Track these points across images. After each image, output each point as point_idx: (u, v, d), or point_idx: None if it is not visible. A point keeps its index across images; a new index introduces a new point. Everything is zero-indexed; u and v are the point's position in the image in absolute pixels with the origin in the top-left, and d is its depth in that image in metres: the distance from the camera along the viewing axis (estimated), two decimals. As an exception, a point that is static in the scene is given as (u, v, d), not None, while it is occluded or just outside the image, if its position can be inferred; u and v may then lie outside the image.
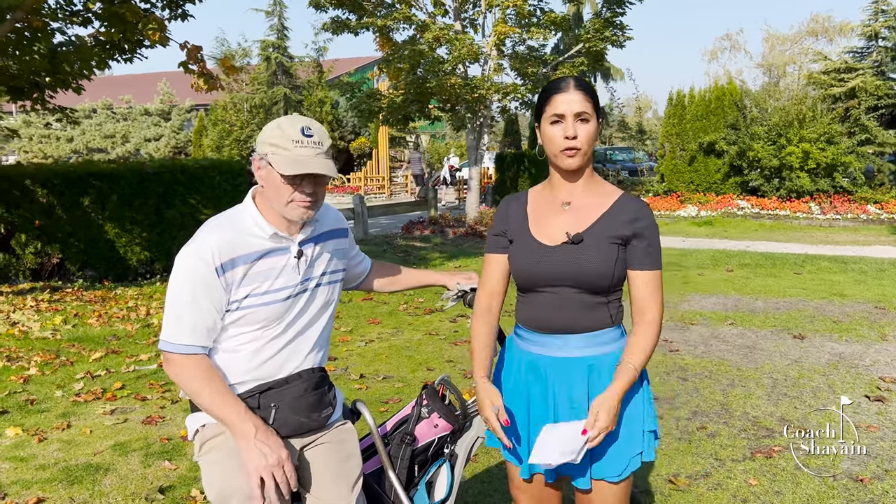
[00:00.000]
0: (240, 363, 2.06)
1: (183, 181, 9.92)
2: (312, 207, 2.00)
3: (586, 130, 1.94)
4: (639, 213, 1.98)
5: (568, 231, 1.99)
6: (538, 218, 2.06)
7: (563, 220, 2.02)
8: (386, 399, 4.72)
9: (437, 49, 13.61)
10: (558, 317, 2.00)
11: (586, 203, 2.02)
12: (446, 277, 2.58)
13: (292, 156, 1.94)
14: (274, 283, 2.05)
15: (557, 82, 2.00)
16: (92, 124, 30.58)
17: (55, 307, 7.51)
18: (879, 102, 19.07)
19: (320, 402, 2.11)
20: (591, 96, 1.97)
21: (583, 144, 1.94)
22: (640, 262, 1.98)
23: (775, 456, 3.77)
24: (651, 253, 1.98)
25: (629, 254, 1.98)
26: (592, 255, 1.95)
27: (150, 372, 5.41)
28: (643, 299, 1.99)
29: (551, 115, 1.96)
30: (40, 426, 4.36)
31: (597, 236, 1.96)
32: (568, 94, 1.94)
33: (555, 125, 1.96)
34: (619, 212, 1.99)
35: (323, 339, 2.22)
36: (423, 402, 2.48)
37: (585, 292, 1.98)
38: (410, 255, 11.54)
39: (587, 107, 1.94)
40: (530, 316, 2.06)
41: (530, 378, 2.06)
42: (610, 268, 1.95)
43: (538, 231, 2.04)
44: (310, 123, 1.99)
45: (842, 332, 6.21)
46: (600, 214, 1.99)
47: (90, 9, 8.11)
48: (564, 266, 1.97)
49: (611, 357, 2.01)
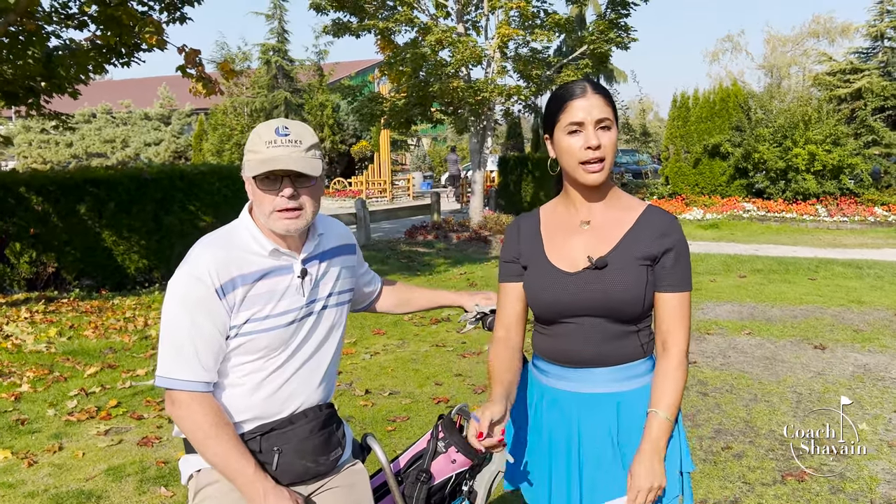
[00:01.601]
0: (238, 398, 1.85)
1: (182, 187, 9.72)
2: (299, 216, 1.79)
3: (609, 139, 1.74)
4: (667, 229, 1.77)
5: (590, 255, 1.77)
6: (554, 240, 1.84)
7: (582, 241, 1.80)
8: (393, 417, 4.51)
9: (440, 52, 13.41)
10: (584, 349, 1.79)
11: (607, 220, 1.81)
12: (464, 298, 2.36)
13: (262, 157, 1.75)
14: (276, 307, 1.84)
15: (571, 87, 1.77)
16: (91, 129, 30.39)
17: (50, 318, 7.30)
18: (886, 103, 18.85)
19: (328, 444, 1.90)
20: (611, 101, 1.77)
21: (607, 154, 1.73)
22: (667, 282, 1.77)
23: (807, 479, 3.56)
24: (680, 272, 1.77)
25: (657, 274, 1.77)
26: (619, 279, 1.74)
27: (147, 388, 5.20)
28: (668, 326, 1.77)
29: (568, 123, 1.73)
30: (30, 448, 4.15)
31: (623, 258, 1.75)
32: (586, 100, 1.73)
33: (573, 135, 1.74)
34: (645, 228, 1.78)
35: (331, 368, 2.02)
36: (440, 434, 2.27)
37: (613, 321, 1.77)
38: (414, 261, 11.34)
39: (608, 112, 1.74)
40: (551, 348, 1.85)
41: (553, 416, 1.84)
42: (640, 293, 1.74)
43: (555, 255, 1.82)
44: (287, 123, 1.80)
45: (864, 341, 5.99)
46: (624, 232, 1.78)
47: (86, 12, 7.91)
48: (588, 294, 1.75)
49: (642, 392, 1.80)
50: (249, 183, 1.82)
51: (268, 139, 1.77)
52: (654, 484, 1.67)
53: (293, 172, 1.77)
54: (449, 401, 4.79)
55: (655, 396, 1.75)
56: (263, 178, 1.77)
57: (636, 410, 1.78)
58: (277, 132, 1.77)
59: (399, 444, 4.08)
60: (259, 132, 1.79)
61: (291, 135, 1.78)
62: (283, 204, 1.77)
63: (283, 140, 1.76)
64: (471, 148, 14.89)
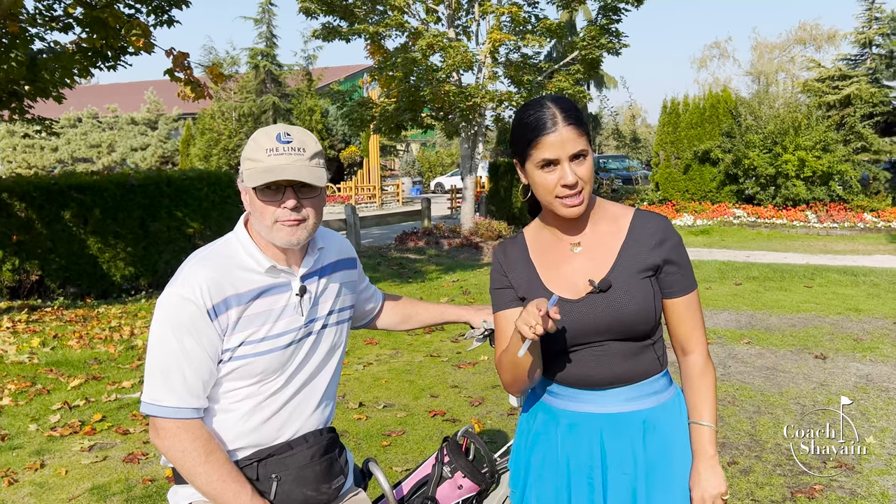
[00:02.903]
0: (233, 425, 1.72)
1: (169, 193, 9.55)
2: (302, 227, 1.67)
3: (585, 170, 1.61)
4: (663, 233, 1.68)
5: (590, 279, 1.66)
6: (547, 266, 1.72)
7: (578, 265, 1.69)
8: (388, 431, 4.38)
9: (431, 56, 13.30)
10: (599, 373, 1.68)
11: (598, 237, 1.70)
12: (470, 313, 2.23)
13: (264, 166, 1.62)
14: (273, 328, 1.71)
15: (541, 118, 1.59)
16: (77, 134, 30.08)
17: (33, 328, 7.10)
18: (875, 110, 18.93)
19: (330, 471, 1.77)
20: (582, 124, 1.61)
21: (584, 185, 1.61)
22: (676, 287, 1.70)
23: (818, 496, 3.45)
24: (686, 274, 1.70)
25: (663, 282, 1.69)
26: (627, 298, 1.63)
27: (134, 401, 5.04)
28: (685, 329, 1.71)
29: (540, 160, 1.59)
30: (11, 466, 3.99)
31: (625, 275, 1.65)
32: (557, 134, 1.57)
33: (547, 171, 1.60)
34: (639, 237, 1.68)
35: (330, 391, 1.89)
36: (445, 459, 2.14)
37: (627, 340, 1.66)
38: (405, 268, 11.20)
39: (582, 143, 1.59)
40: (564, 373, 1.72)
41: (571, 440, 1.70)
42: (650, 308, 1.65)
43: (553, 283, 1.70)
44: (289, 129, 1.67)
45: (864, 350, 5.91)
46: (619, 246, 1.68)
47: (71, 14, 7.74)
48: (598, 320, 1.64)
49: (665, 409, 1.71)
50: (248, 194, 1.69)
51: (268, 147, 1.64)
52: (720, 489, 1.66)
53: (296, 182, 1.65)
54: (445, 414, 4.66)
55: (694, 407, 1.71)
56: (264, 189, 1.65)
57: (662, 429, 1.69)
58: (279, 139, 1.65)
59: (395, 460, 3.95)
60: (258, 140, 1.67)
61: (294, 142, 1.66)
62: (285, 216, 1.65)
63: (285, 148, 1.64)
64: (462, 153, 14.79)
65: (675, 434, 1.71)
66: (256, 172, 1.63)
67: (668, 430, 1.70)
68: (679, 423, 1.72)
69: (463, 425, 4.40)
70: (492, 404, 4.83)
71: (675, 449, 1.70)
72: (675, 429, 1.71)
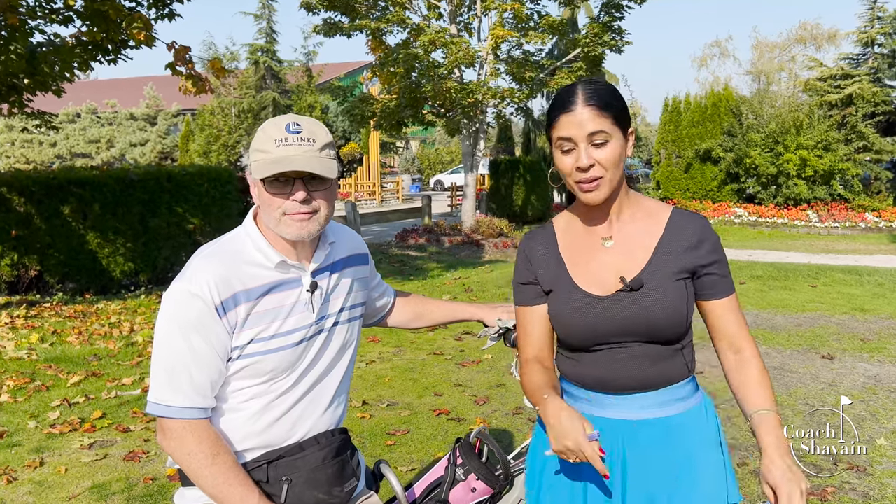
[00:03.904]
0: (242, 425, 1.66)
1: (169, 188, 9.47)
2: (313, 220, 1.61)
3: (605, 153, 1.53)
4: (702, 234, 1.60)
5: (622, 275, 1.59)
6: (576, 260, 1.66)
7: (609, 260, 1.62)
8: (392, 430, 4.32)
9: (433, 53, 13.24)
10: (623, 376, 1.61)
11: (632, 233, 1.63)
12: (484, 311, 2.17)
13: (272, 157, 1.56)
14: (283, 325, 1.65)
15: (563, 97, 1.57)
16: (76, 129, 29.96)
17: (32, 324, 7.04)
18: (876, 109, 18.90)
19: (342, 474, 1.71)
20: (609, 107, 1.54)
21: (603, 172, 1.54)
22: (718, 289, 1.62)
23: (830, 499, 3.40)
24: (726, 275, 1.63)
25: (701, 284, 1.61)
26: (658, 299, 1.56)
27: (134, 398, 4.98)
28: (732, 329, 1.62)
29: (557, 139, 1.55)
30: (10, 463, 3.92)
31: (658, 275, 1.58)
32: (574, 114, 1.53)
33: (565, 153, 1.55)
34: (676, 236, 1.61)
35: (342, 390, 1.83)
36: (458, 460, 2.09)
37: (655, 343, 1.59)
38: (406, 265, 11.14)
39: (603, 124, 1.52)
40: (586, 375, 1.66)
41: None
42: (682, 311, 1.57)
43: (581, 278, 1.63)
44: (300, 119, 1.61)
45: (871, 351, 5.86)
46: (655, 245, 1.60)
47: (71, 6, 7.66)
48: (626, 319, 1.57)
49: (691, 415, 1.63)
50: (256, 186, 1.63)
51: (277, 137, 1.58)
52: (802, 485, 1.42)
53: (306, 174, 1.58)
54: (450, 413, 4.61)
55: (756, 398, 1.56)
56: (272, 181, 1.58)
57: (687, 436, 1.62)
58: (288, 129, 1.59)
59: (401, 460, 3.90)
60: (267, 130, 1.60)
61: (304, 132, 1.59)
62: (294, 208, 1.59)
63: (294, 138, 1.58)
64: (463, 151, 14.73)
65: (701, 441, 1.64)
66: (265, 163, 1.57)
67: (693, 437, 1.62)
68: (706, 430, 1.65)
69: (468, 424, 4.36)
70: (497, 403, 4.78)
71: (701, 457, 1.63)
72: (700, 435, 1.64)
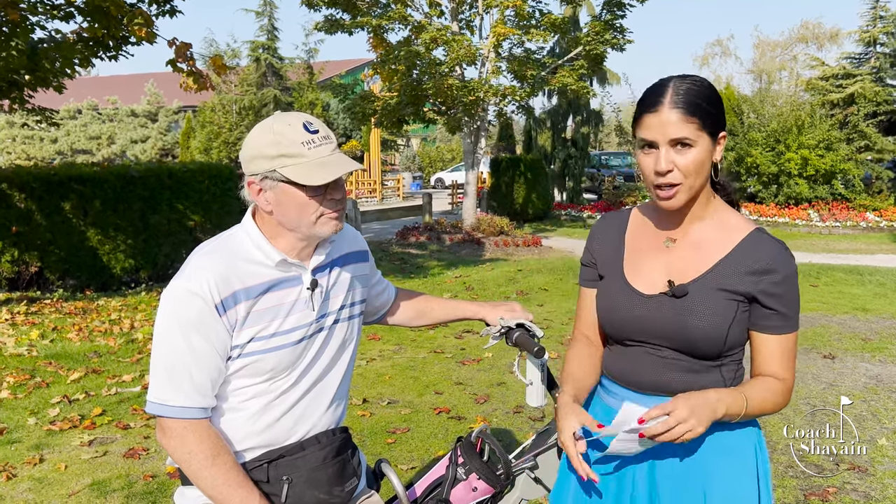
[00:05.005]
0: (242, 424, 1.65)
1: (170, 185, 9.46)
2: (342, 214, 1.64)
3: (687, 160, 1.48)
4: (772, 262, 1.49)
5: (671, 279, 1.55)
6: (635, 254, 1.65)
7: (664, 260, 1.59)
8: (393, 428, 4.31)
9: (434, 50, 13.21)
10: (653, 376, 1.59)
11: (699, 241, 1.58)
12: (486, 309, 2.14)
13: (312, 161, 1.54)
14: (284, 323, 1.64)
15: (651, 95, 1.52)
16: (77, 125, 29.96)
17: (32, 320, 7.03)
18: (878, 109, 18.87)
19: (343, 473, 1.70)
20: (697, 111, 1.47)
21: (682, 179, 1.49)
22: (771, 324, 1.51)
23: (831, 499, 3.39)
24: (788, 314, 1.50)
25: (755, 313, 1.52)
26: (699, 312, 1.51)
27: (134, 395, 4.97)
28: (773, 369, 1.54)
29: (640, 139, 1.52)
30: (10, 460, 3.92)
31: (708, 288, 1.52)
32: (658, 116, 1.48)
33: (646, 153, 1.52)
34: (744, 257, 1.52)
35: (343, 388, 1.82)
36: (459, 460, 2.08)
37: (688, 355, 1.55)
38: (407, 263, 11.13)
39: (688, 129, 1.46)
40: (619, 368, 1.66)
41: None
42: (722, 332, 1.50)
43: (633, 272, 1.62)
44: (309, 118, 1.59)
45: (873, 350, 5.86)
46: (718, 258, 1.54)
47: (72, 2, 7.64)
48: (660, 323, 1.55)
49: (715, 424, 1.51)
50: (274, 190, 1.57)
51: (303, 139, 1.55)
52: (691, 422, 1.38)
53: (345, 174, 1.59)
54: (450, 411, 4.60)
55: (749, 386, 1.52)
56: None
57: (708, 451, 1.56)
58: (307, 129, 1.57)
59: (401, 458, 3.89)
60: (284, 133, 1.55)
61: (321, 131, 1.59)
62: (332, 207, 1.60)
63: (317, 138, 1.57)
64: (464, 149, 14.71)
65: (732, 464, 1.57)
66: (310, 168, 1.54)
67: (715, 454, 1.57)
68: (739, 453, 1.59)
69: (468, 422, 4.35)
70: (497, 401, 4.77)
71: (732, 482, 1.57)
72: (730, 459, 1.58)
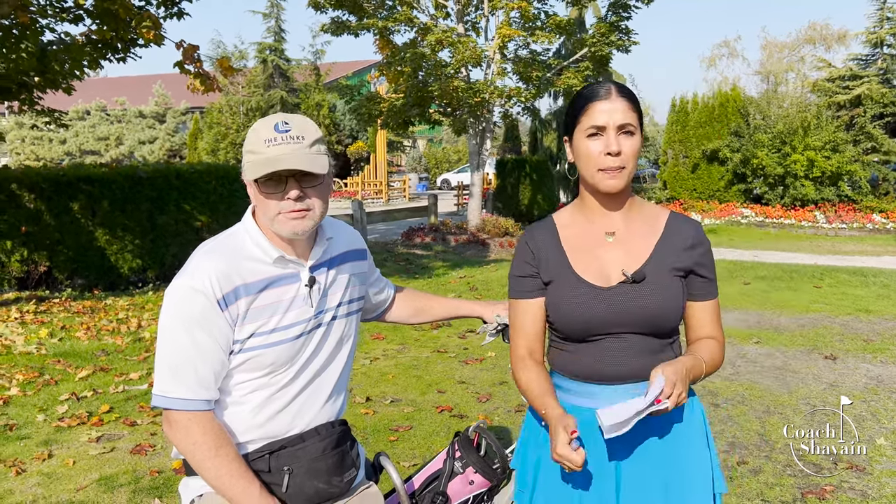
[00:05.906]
0: (243, 417, 1.70)
1: (177, 186, 9.55)
2: (308, 217, 1.64)
3: (631, 146, 1.64)
4: (697, 236, 1.72)
5: (623, 269, 1.67)
6: (579, 253, 1.72)
7: (611, 254, 1.70)
8: (396, 426, 4.36)
9: (440, 52, 13.28)
10: (619, 366, 1.67)
11: (633, 231, 1.72)
12: (483, 308, 2.21)
13: (263, 157, 1.60)
14: (283, 319, 1.69)
15: (596, 88, 1.68)
16: (85, 126, 30.17)
17: (41, 319, 7.12)
18: (885, 110, 18.84)
19: (342, 464, 1.75)
20: (636, 106, 1.67)
21: (627, 162, 1.63)
22: (703, 292, 1.73)
23: (829, 497, 3.43)
24: (713, 280, 1.75)
25: (690, 285, 1.72)
26: (656, 293, 1.65)
27: (141, 393, 5.04)
28: (708, 330, 1.73)
29: (588, 126, 1.63)
30: (19, 456, 3.99)
31: (657, 271, 1.67)
32: (609, 102, 1.63)
33: (593, 139, 1.64)
34: (674, 238, 1.71)
35: (341, 382, 1.87)
36: (456, 454, 2.13)
37: (650, 336, 1.67)
38: (412, 264, 11.19)
39: (632, 117, 1.64)
40: (579, 366, 1.71)
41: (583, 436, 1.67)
42: (677, 306, 1.68)
43: (583, 269, 1.69)
44: (288, 118, 1.64)
45: (874, 351, 5.88)
46: (654, 243, 1.70)
47: (81, 5, 7.74)
48: (625, 310, 1.65)
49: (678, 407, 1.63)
50: (251, 187, 1.67)
51: (267, 137, 1.61)
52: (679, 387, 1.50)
53: (298, 172, 1.62)
54: (453, 409, 4.65)
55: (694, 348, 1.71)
56: (266, 181, 1.62)
57: (676, 426, 1.68)
58: (277, 129, 1.62)
59: (403, 455, 3.94)
60: (257, 130, 1.64)
61: (293, 130, 1.63)
62: (288, 207, 1.63)
63: (283, 137, 1.61)
64: (469, 150, 14.76)
65: (688, 432, 1.70)
66: (256, 164, 1.61)
67: (681, 428, 1.68)
68: (694, 422, 1.71)
69: (470, 421, 4.40)
70: (499, 400, 4.82)
71: (689, 447, 1.69)
72: (690, 427, 1.70)
